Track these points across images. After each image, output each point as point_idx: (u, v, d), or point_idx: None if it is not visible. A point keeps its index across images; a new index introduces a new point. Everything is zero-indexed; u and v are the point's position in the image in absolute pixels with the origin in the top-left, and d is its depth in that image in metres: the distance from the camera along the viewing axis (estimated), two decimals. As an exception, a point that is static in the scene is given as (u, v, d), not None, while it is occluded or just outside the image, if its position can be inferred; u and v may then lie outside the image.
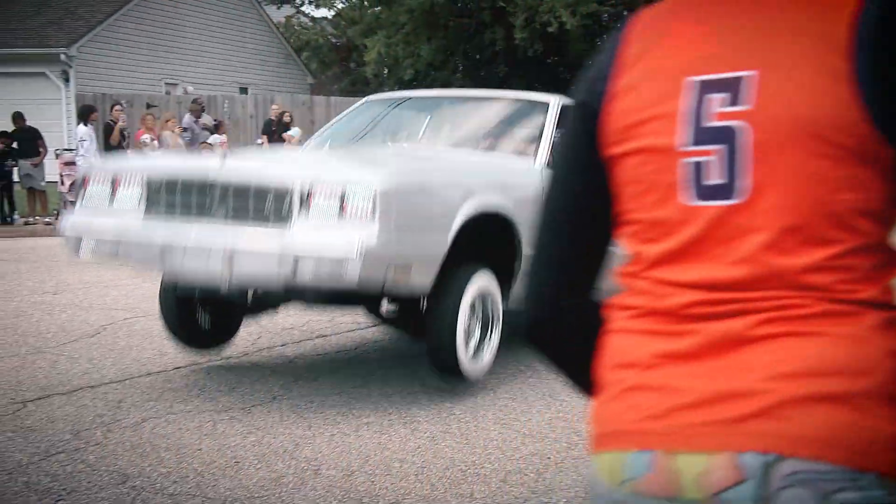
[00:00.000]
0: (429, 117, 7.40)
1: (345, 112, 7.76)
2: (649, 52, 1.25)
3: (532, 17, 28.29)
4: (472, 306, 5.56)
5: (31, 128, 16.86)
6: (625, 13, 30.89)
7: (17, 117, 17.01)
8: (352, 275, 4.77)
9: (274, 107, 20.07)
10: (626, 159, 1.25)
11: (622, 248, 1.30)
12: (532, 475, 4.33)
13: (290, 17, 35.54)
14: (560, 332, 1.39)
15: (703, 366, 1.16)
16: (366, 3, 32.54)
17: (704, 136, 1.18)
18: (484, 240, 5.73)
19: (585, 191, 1.32)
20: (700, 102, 1.19)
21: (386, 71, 31.57)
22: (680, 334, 1.19)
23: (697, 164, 1.18)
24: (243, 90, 28.47)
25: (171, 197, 5.31)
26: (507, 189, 5.85)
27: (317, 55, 34.21)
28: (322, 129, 7.69)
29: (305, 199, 4.93)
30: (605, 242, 1.36)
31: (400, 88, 30.85)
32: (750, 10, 1.20)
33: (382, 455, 4.58)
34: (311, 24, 36.13)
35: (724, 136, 1.17)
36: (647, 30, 1.27)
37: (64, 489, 4.10)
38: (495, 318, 5.76)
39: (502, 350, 6.38)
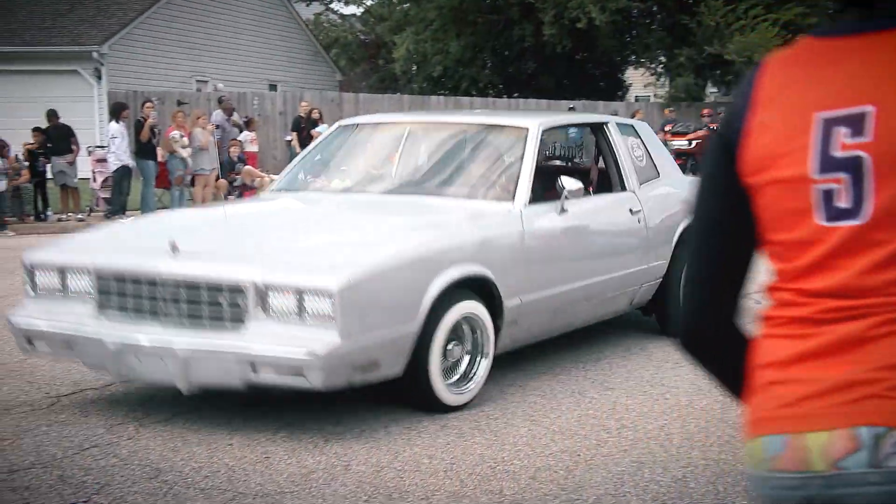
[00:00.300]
0: (399, 148, 6.61)
1: (318, 139, 7.10)
2: (781, 93, 1.44)
3: (561, 14, 28.16)
4: (459, 334, 5.19)
5: (64, 125, 16.99)
6: (654, 9, 30.75)
7: (51, 115, 17.15)
8: (314, 381, 4.49)
9: (303, 104, 20.14)
10: (764, 188, 1.44)
11: (767, 265, 1.50)
12: (562, 472, 4.32)
13: (319, 14, 35.61)
14: (710, 341, 1.60)
15: (828, 361, 1.38)
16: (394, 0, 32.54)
17: (832, 165, 1.36)
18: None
19: (729, 215, 1.52)
20: (827, 136, 1.37)
21: (415, 68, 31.58)
22: (812, 336, 1.39)
23: (827, 191, 1.37)
24: (273, 87, 28.55)
25: (123, 293, 4.95)
26: (484, 249, 5.35)
27: (346, 52, 34.28)
28: (297, 158, 7.08)
29: (261, 300, 4.60)
30: (750, 259, 1.55)
31: (429, 85, 30.90)
32: (869, 54, 1.38)
33: (412, 451, 4.59)
34: (339, 21, 36.22)
35: (849, 165, 1.35)
36: (778, 73, 1.46)
37: (97, 483, 4.14)
38: (485, 348, 5.33)
39: (530, 347, 6.36)
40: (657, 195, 6.84)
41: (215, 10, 27.70)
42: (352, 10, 35.79)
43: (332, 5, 36.33)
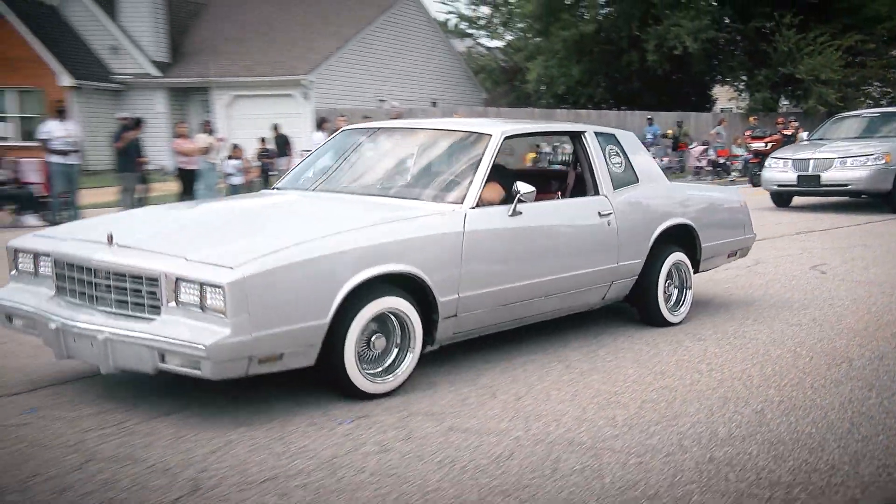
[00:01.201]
0: (374, 152, 5.71)
1: (326, 140, 6.00)
2: None
3: (661, 43, 27.46)
4: (390, 328, 4.37)
5: (283, 135, 17.57)
6: (737, 38, 29.55)
7: (275, 127, 17.77)
8: (206, 370, 3.75)
9: (456, 116, 20.18)
10: None
11: None
12: (663, 404, 4.22)
13: (470, 47, 35.66)
14: None
15: None
16: (528, 35, 32.30)
17: None
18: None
19: None
20: None
21: (543, 87, 31.28)
22: None
23: None
24: (434, 104, 28.74)
25: (71, 279, 4.31)
26: (414, 248, 4.38)
27: (490, 76, 34.24)
28: (303, 158, 6.00)
29: (174, 291, 3.87)
30: None
31: (555, 101, 30.54)
32: None
33: (543, 384, 4.55)
34: (486, 52, 36.18)
35: None
36: None
37: (312, 403, 4.25)
38: (411, 343, 4.43)
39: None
40: (632, 199, 5.68)
41: (392, 45, 28.03)
42: (495, 43, 35.74)
43: (480, 40, 36.32)
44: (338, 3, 28.15)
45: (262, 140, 17.39)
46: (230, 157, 15.79)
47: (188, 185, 14.40)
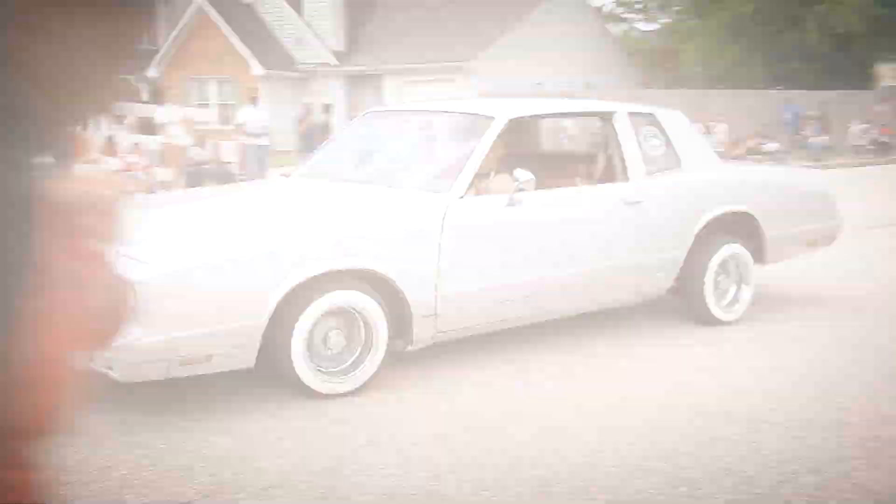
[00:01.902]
0: (381, 136, 5.13)
1: (351, 122, 5.35)
2: None
3: (823, 22, 25.66)
4: (354, 327, 3.81)
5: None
6: (903, 14, 27.11)
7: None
8: (116, 372, 3.29)
9: (610, 99, 19.68)
10: None
11: None
12: (822, 379, 3.95)
13: (627, 30, 34.69)
14: None
15: None
16: (684, 17, 31.01)
17: None
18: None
19: None
20: None
21: (699, 69, 29.94)
22: None
23: None
24: (589, 86, 28.14)
25: None
26: (377, 243, 3.79)
27: (646, 58, 33.17)
28: (327, 141, 5.39)
29: None
30: None
31: (710, 82, 29.19)
32: None
33: (685, 368, 4.36)
34: (641, 35, 35.08)
35: None
36: None
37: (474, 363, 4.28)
38: (373, 343, 3.82)
39: (791, 280, 5.87)
40: (671, 185, 4.78)
41: (550, 30, 27.66)
42: (651, 26, 34.62)
43: (635, 25, 35.29)
44: (499, -8, 28.08)
45: (429, 122, 17.71)
46: (400, 138, 16.14)
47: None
